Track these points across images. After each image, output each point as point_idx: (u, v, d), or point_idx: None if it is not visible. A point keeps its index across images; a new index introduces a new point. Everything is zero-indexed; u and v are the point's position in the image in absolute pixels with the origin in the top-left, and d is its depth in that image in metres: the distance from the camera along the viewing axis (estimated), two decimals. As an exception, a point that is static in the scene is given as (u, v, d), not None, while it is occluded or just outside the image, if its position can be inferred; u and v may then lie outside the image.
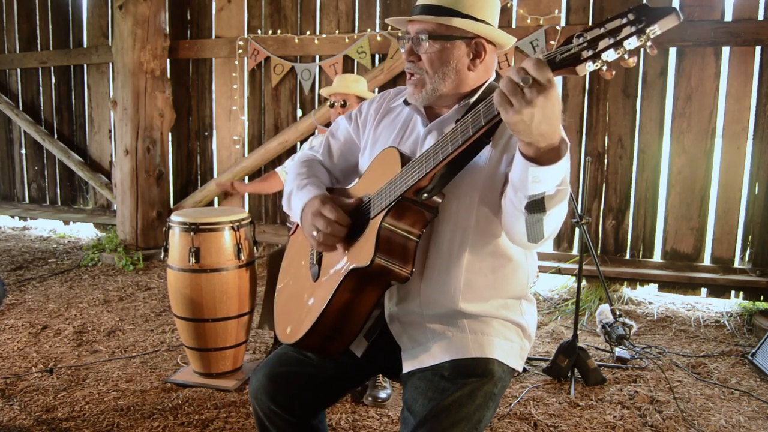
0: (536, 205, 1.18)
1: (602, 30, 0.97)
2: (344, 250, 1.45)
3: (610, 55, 0.97)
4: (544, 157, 1.12)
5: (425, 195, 1.33)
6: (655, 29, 0.94)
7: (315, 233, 1.47)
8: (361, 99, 3.21)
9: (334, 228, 1.43)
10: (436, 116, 1.53)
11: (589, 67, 0.99)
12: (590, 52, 0.98)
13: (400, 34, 1.55)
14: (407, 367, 1.46)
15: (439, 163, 1.27)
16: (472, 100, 1.47)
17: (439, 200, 1.36)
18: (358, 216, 1.48)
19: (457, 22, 1.42)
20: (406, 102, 1.59)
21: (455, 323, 1.45)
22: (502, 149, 1.41)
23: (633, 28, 0.95)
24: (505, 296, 1.49)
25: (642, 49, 0.94)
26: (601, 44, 0.97)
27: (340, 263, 1.44)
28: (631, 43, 0.95)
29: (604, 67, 0.98)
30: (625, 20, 0.96)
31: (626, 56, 0.97)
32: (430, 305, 1.46)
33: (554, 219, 1.24)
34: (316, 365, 1.59)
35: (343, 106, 3.18)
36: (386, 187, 1.39)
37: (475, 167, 1.41)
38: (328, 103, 3.24)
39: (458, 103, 1.49)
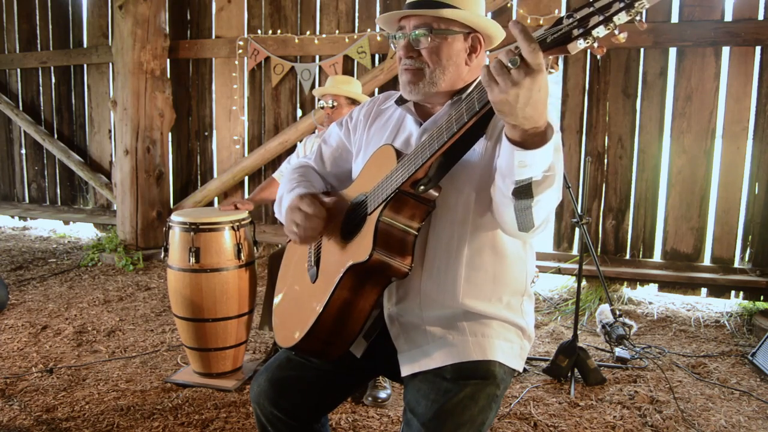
0: (523, 191, 1.18)
1: (591, 8, 0.98)
2: (342, 248, 1.44)
3: (600, 32, 0.98)
4: (530, 140, 1.12)
5: (422, 187, 1.32)
6: (644, 2, 0.95)
7: (294, 228, 1.48)
8: (351, 101, 3.21)
9: (312, 221, 1.44)
10: (428, 115, 1.53)
11: (580, 44, 1.00)
12: (580, 30, 0.99)
13: (389, 33, 1.53)
14: (405, 371, 1.45)
15: (435, 152, 1.26)
16: (464, 95, 1.47)
17: (436, 193, 1.35)
18: (355, 214, 1.47)
19: (456, 15, 1.41)
20: (397, 102, 1.59)
21: (455, 326, 1.44)
22: (496, 141, 1.40)
23: (621, 4, 0.96)
24: (507, 292, 1.49)
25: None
26: (591, 21, 0.98)
27: (338, 262, 1.43)
28: (621, 18, 0.96)
29: (595, 44, 1.00)
30: None
31: (616, 32, 0.98)
32: (430, 305, 1.45)
33: (543, 207, 1.23)
34: (317, 369, 1.58)
35: (333, 107, 3.18)
36: (383, 183, 1.38)
37: (470, 161, 1.40)
38: (319, 104, 3.24)
39: (450, 100, 1.48)
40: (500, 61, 1.03)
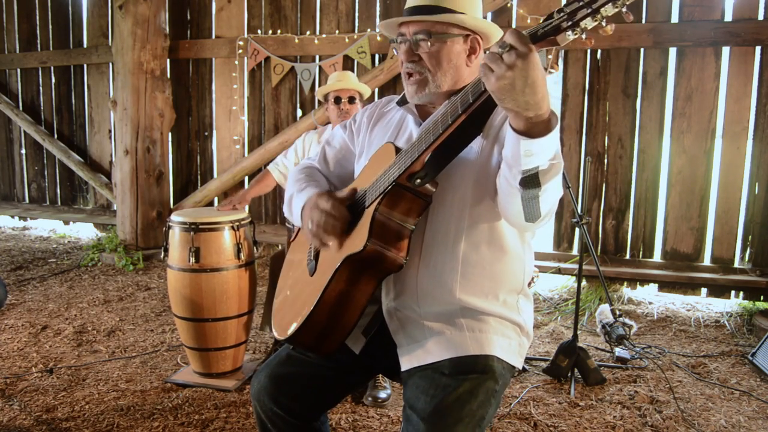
0: (531, 181, 1.20)
1: (581, 2, 1.05)
2: (339, 242, 1.46)
3: (588, 24, 1.05)
4: (535, 129, 1.14)
5: (418, 181, 1.34)
6: None
7: (310, 225, 1.48)
8: (360, 96, 3.22)
9: (329, 219, 1.45)
10: (428, 114, 1.57)
11: (569, 36, 1.07)
12: (569, 23, 1.06)
13: (392, 38, 1.57)
14: (405, 365, 1.46)
15: (430, 144, 1.29)
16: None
17: (433, 189, 1.37)
18: (354, 209, 1.50)
19: (454, 19, 1.45)
20: (398, 103, 1.63)
21: (452, 321, 1.46)
22: (493, 140, 1.43)
23: None
24: (504, 290, 1.50)
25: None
26: (579, 14, 1.05)
27: (335, 254, 1.45)
28: (608, 9, 1.03)
29: (583, 36, 1.07)
30: None
31: (603, 23, 1.05)
32: (427, 300, 1.46)
33: (550, 196, 1.26)
34: (318, 366, 1.59)
35: (352, 102, 3.14)
36: (380, 177, 1.42)
37: (467, 159, 1.43)
38: (332, 99, 3.14)
39: (448, 99, 1.50)
40: (492, 52, 1.09)
